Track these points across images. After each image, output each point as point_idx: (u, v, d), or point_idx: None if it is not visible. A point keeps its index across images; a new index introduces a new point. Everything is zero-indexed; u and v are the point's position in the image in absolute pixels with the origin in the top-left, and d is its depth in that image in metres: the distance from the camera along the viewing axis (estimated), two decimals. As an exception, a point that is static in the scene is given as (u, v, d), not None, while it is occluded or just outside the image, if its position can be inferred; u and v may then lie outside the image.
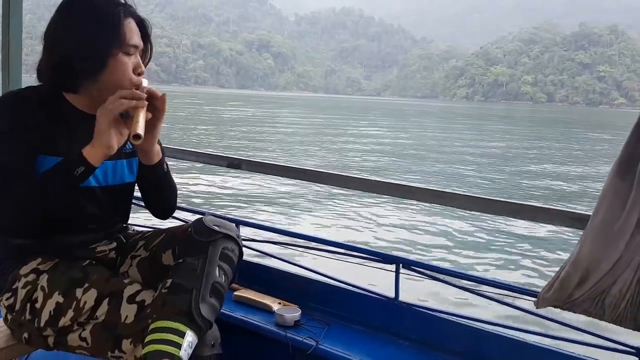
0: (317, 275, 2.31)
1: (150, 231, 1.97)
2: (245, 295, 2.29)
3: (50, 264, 1.74)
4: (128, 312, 1.60)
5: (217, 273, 1.66)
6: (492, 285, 1.94)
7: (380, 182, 2.32)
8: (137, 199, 1.98)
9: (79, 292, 1.65)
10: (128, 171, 1.87)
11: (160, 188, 1.92)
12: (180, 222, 2.29)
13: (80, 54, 1.64)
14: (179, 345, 1.51)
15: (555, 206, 1.92)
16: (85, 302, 1.64)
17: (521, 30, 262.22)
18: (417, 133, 36.36)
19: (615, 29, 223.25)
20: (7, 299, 1.74)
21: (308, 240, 2.37)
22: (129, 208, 1.97)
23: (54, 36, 1.69)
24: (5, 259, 1.78)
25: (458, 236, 9.95)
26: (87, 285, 1.66)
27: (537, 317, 1.89)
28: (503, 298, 1.98)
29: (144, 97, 1.65)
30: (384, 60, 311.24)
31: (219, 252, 1.70)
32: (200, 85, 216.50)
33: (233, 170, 2.71)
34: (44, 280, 1.70)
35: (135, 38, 1.71)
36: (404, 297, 2.12)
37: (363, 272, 2.25)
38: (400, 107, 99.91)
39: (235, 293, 2.31)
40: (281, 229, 2.52)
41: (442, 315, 2.04)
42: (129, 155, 1.85)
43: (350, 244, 2.29)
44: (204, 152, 2.83)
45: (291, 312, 2.11)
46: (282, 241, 2.45)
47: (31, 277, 1.72)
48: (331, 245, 2.31)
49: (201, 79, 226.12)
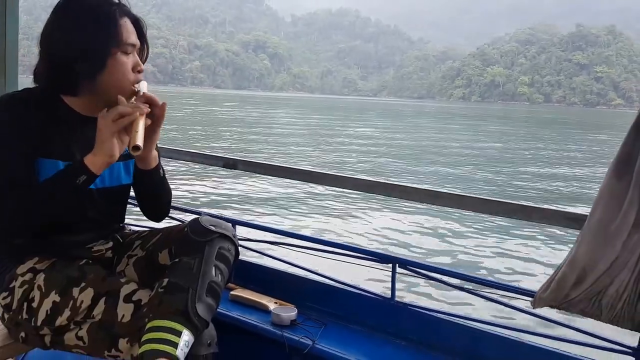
0: (314, 275, 2.32)
1: (147, 231, 1.97)
2: (242, 294, 2.29)
3: (47, 263, 1.74)
4: (125, 311, 1.60)
5: (214, 272, 1.66)
6: (489, 285, 1.94)
7: (375, 182, 2.32)
8: (133, 199, 1.98)
9: (75, 291, 1.65)
10: (125, 173, 1.87)
11: (156, 192, 1.92)
12: (176, 222, 2.29)
13: (78, 55, 1.63)
14: (175, 345, 1.51)
15: (551, 206, 1.92)
16: (82, 302, 1.63)
17: (517, 31, 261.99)
18: (414, 134, 36.34)
19: (612, 30, 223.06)
20: (4, 298, 1.74)
21: (304, 240, 2.37)
22: (125, 209, 1.97)
23: (50, 38, 1.68)
24: (2, 258, 1.78)
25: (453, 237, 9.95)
26: (83, 284, 1.66)
27: (534, 317, 1.89)
28: (500, 298, 1.98)
29: (144, 111, 1.65)
30: (380, 61, 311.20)
31: (215, 251, 1.70)
32: (197, 86, 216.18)
33: (228, 170, 2.71)
34: (40, 280, 1.70)
35: (133, 37, 1.71)
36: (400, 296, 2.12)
37: (359, 271, 2.25)
38: (397, 107, 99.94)
39: (231, 292, 2.31)
40: (277, 229, 2.52)
41: (438, 314, 2.04)
42: (126, 157, 1.84)
43: (346, 244, 2.29)
44: (200, 153, 2.83)
45: (287, 312, 2.11)
46: (278, 241, 2.45)
47: (28, 276, 1.71)
48: (327, 245, 2.31)
49: (197, 80, 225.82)
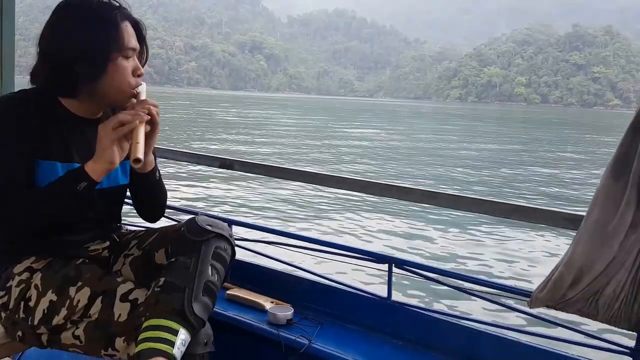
0: (310, 275, 2.32)
1: (143, 230, 1.98)
2: (238, 294, 2.29)
3: (43, 262, 1.74)
4: (121, 310, 1.60)
5: (210, 272, 1.67)
6: (486, 285, 1.94)
7: (370, 182, 2.32)
8: (129, 198, 1.98)
9: (72, 290, 1.65)
10: (122, 174, 1.87)
11: (152, 194, 1.93)
12: (173, 221, 2.29)
13: (79, 55, 1.62)
14: (172, 343, 1.51)
15: (548, 207, 1.92)
16: (79, 301, 1.63)
17: (514, 32, 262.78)
18: (410, 135, 36.35)
19: (609, 30, 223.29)
20: (0, 297, 1.73)
21: (301, 239, 2.37)
22: (122, 208, 1.98)
23: (51, 38, 1.67)
24: (-1, 257, 1.78)
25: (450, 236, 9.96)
26: (80, 283, 1.66)
27: (531, 317, 1.89)
28: (496, 298, 1.98)
29: (144, 119, 1.65)
30: (376, 62, 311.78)
31: (212, 251, 1.70)
32: (193, 86, 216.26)
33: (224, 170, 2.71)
34: (37, 279, 1.70)
35: (133, 41, 1.70)
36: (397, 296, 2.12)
37: (356, 271, 2.25)
38: (393, 108, 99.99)
39: (227, 292, 2.31)
40: (273, 229, 2.51)
41: (434, 314, 2.05)
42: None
43: (343, 244, 2.29)
44: (196, 153, 2.83)
45: (284, 311, 2.12)
46: (275, 241, 2.45)
47: (25, 275, 1.71)
48: (324, 245, 2.31)
49: (194, 81, 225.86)
